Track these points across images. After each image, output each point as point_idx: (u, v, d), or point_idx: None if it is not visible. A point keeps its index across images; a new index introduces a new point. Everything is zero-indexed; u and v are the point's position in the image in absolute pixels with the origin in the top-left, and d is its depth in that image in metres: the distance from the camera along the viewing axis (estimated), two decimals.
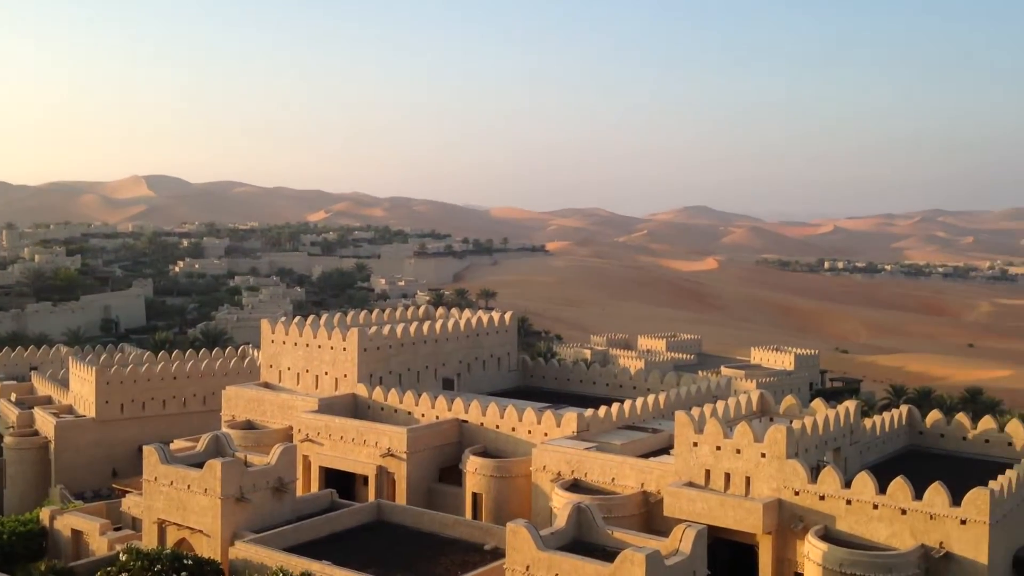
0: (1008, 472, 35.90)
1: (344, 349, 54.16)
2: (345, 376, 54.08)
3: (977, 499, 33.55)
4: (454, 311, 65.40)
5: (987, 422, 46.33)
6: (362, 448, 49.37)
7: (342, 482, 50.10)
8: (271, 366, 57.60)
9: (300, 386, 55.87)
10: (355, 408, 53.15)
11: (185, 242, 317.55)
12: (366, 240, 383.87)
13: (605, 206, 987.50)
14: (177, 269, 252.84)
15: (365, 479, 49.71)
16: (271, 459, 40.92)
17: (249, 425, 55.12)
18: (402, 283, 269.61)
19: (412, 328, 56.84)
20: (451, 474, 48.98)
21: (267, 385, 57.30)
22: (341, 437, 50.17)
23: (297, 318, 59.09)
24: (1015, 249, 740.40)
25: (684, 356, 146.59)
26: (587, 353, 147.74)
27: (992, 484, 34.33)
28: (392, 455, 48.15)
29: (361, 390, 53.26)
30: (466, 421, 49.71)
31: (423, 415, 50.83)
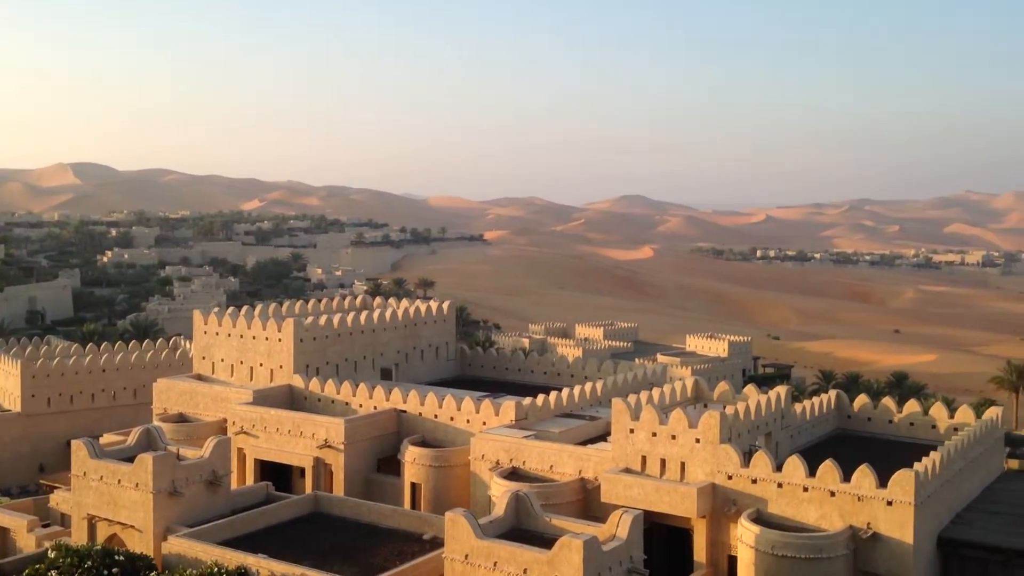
0: (932, 454, 37.07)
1: (279, 340, 53.46)
2: (281, 367, 53.40)
3: (902, 481, 34.60)
4: (392, 301, 65.12)
5: (912, 405, 47.82)
6: (298, 440, 48.83)
7: (278, 474, 49.49)
8: (204, 358, 56.56)
9: (234, 378, 55.01)
10: (291, 399, 52.53)
11: (113, 231, 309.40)
12: (302, 229, 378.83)
13: (543, 195, 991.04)
14: (105, 259, 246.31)
15: (302, 471, 49.20)
16: (204, 452, 40.27)
17: (182, 418, 54.10)
18: (339, 273, 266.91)
19: (349, 318, 56.37)
20: (389, 464, 48.78)
21: (200, 377, 56.29)
22: (277, 429, 49.55)
23: (231, 309, 58.13)
24: (939, 237, 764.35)
25: (621, 344, 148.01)
26: (525, 342, 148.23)
27: (917, 466, 35.41)
28: (329, 446, 47.73)
29: (297, 381, 52.65)
30: (404, 411, 49.53)
31: (360, 406, 50.48)
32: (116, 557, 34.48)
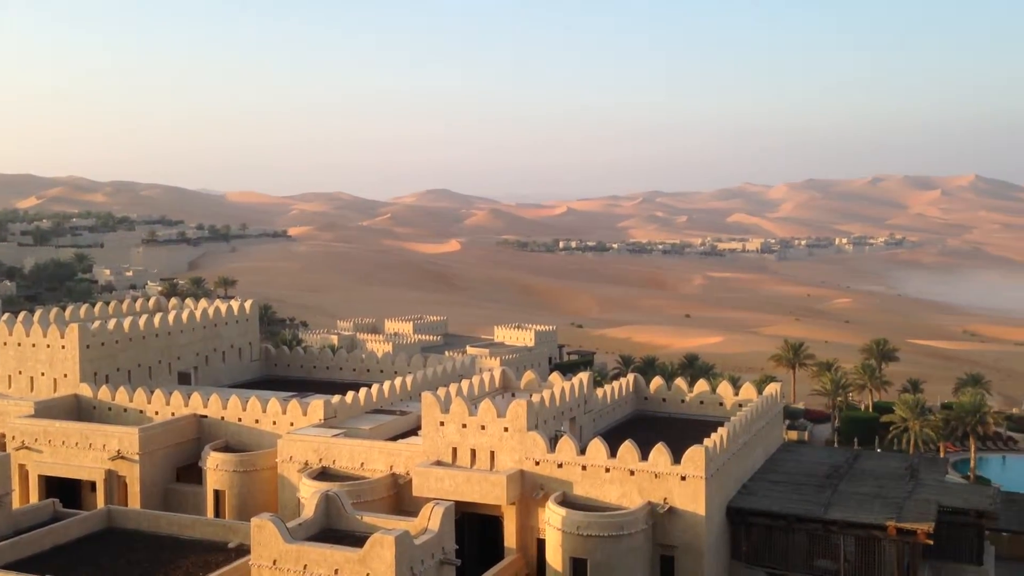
0: (720, 430, 39.76)
1: (63, 347, 49.91)
2: (65, 376, 49.87)
3: (694, 457, 36.91)
4: (188, 301, 62.24)
5: (701, 385, 51.08)
6: (88, 452, 45.83)
7: (67, 491, 46.26)
8: None
9: (12, 389, 50.84)
10: (78, 410, 49.16)
11: None
12: (86, 228, 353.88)
13: (347, 190, 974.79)
14: None
15: (93, 485, 46.24)
16: None
17: None
18: (130, 273, 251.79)
19: (141, 321, 53.41)
20: (190, 473, 46.73)
21: None
22: (63, 442, 46.25)
23: (6, 315, 53.68)
24: (722, 227, 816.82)
25: (431, 338, 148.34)
26: (334, 339, 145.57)
27: (706, 442, 37.87)
28: (123, 457, 45.10)
29: (84, 390, 49.32)
30: (205, 416, 47.55)
31: (157, 413, 47.99)
32: None
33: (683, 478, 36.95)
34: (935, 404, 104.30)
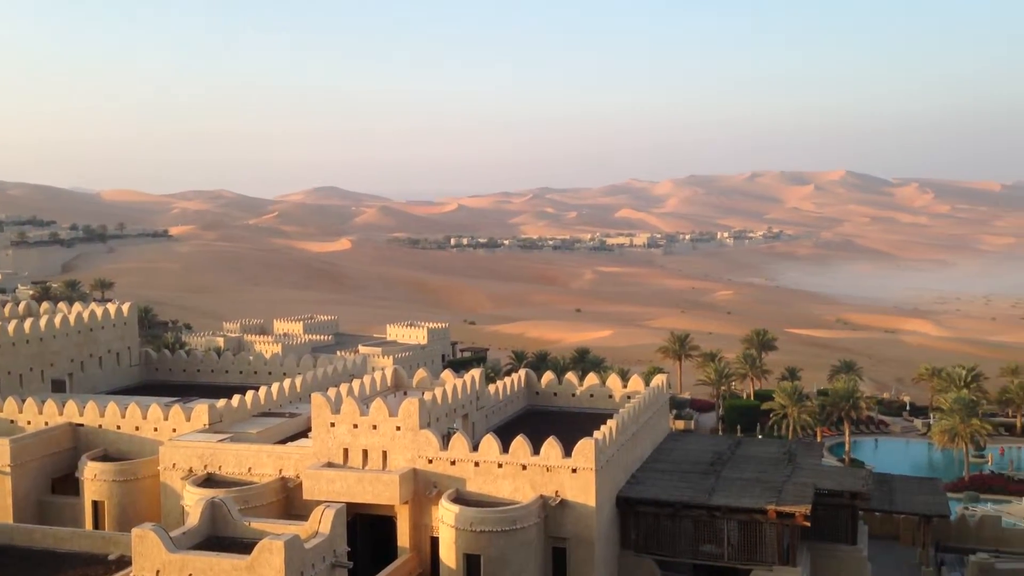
0: (609, 422, 40.54)
1: None
2: None
3: (584, 449, 37.54)
4: (62, 305, 59.41)
5: (591, 379, 51.98)
6: None
7: None
8: None
9: None
10: None
11: None
12: None
13: (231, 187, 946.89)
14: None
15: None
16: None
17: None
18: None
19: (11, 327, 50.78)
20: (67, 484, 44.71)
21: None
22: None
23: None
24: (610, 222, 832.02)
25: (321, 338, 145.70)
26: (219, 341, 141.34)
27: (596, 434, 38.56)
28: None
29: None
30: (81, 424, 45.57)
31: (29, 422, 45.75)
32: None
33: (574, 470, 37.52)
34: (811, 391, 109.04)
